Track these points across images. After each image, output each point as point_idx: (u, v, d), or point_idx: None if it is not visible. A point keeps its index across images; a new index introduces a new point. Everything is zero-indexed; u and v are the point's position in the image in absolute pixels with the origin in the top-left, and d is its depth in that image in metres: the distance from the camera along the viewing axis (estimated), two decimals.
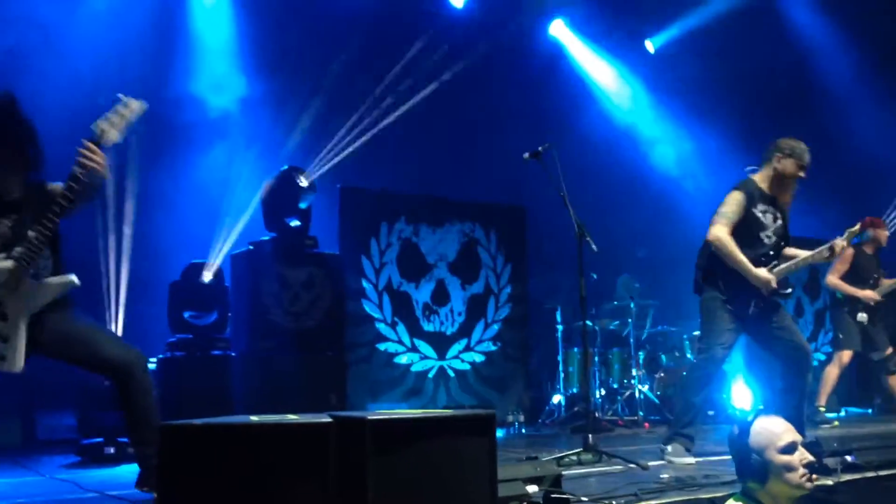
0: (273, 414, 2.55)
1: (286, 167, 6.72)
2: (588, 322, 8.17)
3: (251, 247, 6.47)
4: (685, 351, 8.32)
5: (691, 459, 4.78)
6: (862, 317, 7.38)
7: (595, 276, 8.31)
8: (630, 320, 8.20)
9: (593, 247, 5.08)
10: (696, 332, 6.55)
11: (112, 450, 5.53)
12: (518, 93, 9.72)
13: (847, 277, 7.46)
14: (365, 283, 7.07)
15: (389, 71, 8.50)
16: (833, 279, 7.52)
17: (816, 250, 4.93)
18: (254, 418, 2.38)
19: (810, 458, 2.97)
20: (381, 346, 7.09)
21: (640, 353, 8.21)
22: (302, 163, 7.09)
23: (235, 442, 2.18)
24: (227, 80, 7.88)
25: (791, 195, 5.00)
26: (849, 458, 4.09)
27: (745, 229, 4.82)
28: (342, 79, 8.49)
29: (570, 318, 7.93)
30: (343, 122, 7.95)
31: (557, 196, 5.17)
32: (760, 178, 4.98)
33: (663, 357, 8.25)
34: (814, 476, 3.78)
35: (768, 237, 4.88)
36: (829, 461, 4.01)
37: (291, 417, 2.36)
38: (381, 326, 7.11)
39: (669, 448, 4.84)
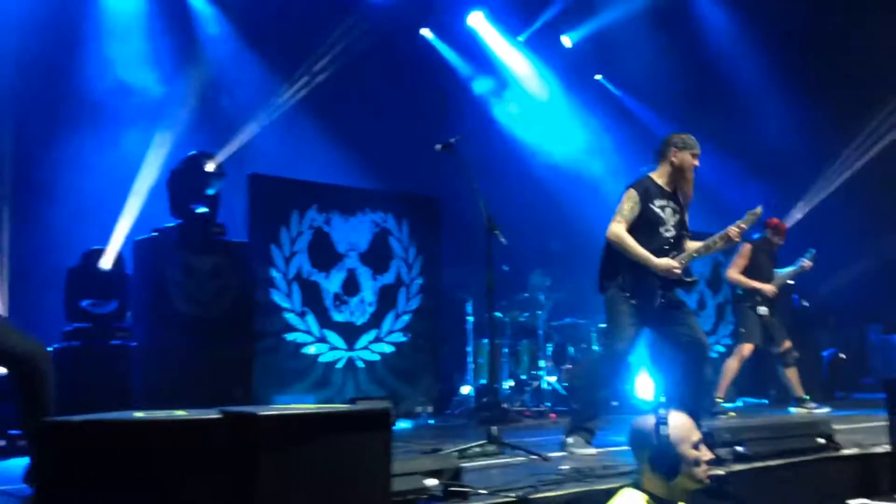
0: (175, 407, 2.47)
1: (194, 152, 6.56)
2: (498, 314, 8.28)
3: (155, 233, 6.29)
4: (592, 343, 8.47)
5: (592, 451, 4.86)
6: (762, 310, 7.62)
7: (506, 268, 8.39)
8: (540, 312, 8.30)
9: (502, 240, 5.10)
10: (603, 325, 6.66)
11: (3, 442, 5.31)
12: (434, 82, 9.72)
13: (747, 272, 7.70)
14: (274, 273, 6.95)
15: (304, 57, 8.38)
16: (733, 274, 7.75)
17: (717, 235, 5.03)
18: (138, 414, 2.29)
19: (711, 454, 3.06)
20: (290, 337, 6.99)
21: (549, 344, 8.32)
22: (212, 148, 6.93)
23: (116, 439, 2.10)
24: (133, 62, 7.64)
25: (691, 187, 5.11)
26: (740, 448, 4.22)
27: (643, 224, 4.92)
28: (255, 64, 8.35)
29: (481, 309, 7.98)
30: (256, 107, 7.82)
31: (471, 188, 5.18)
32: (657, 175, 5.09)
33: (571, 349, 8.38)
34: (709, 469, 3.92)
35: (668, 230, 4.99)
36: (721, 451, 4.13)
37: (179, 413, 2.29)
38: (290, 316, 7.01)
39: (570, 440, 4.91)
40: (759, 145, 10.84)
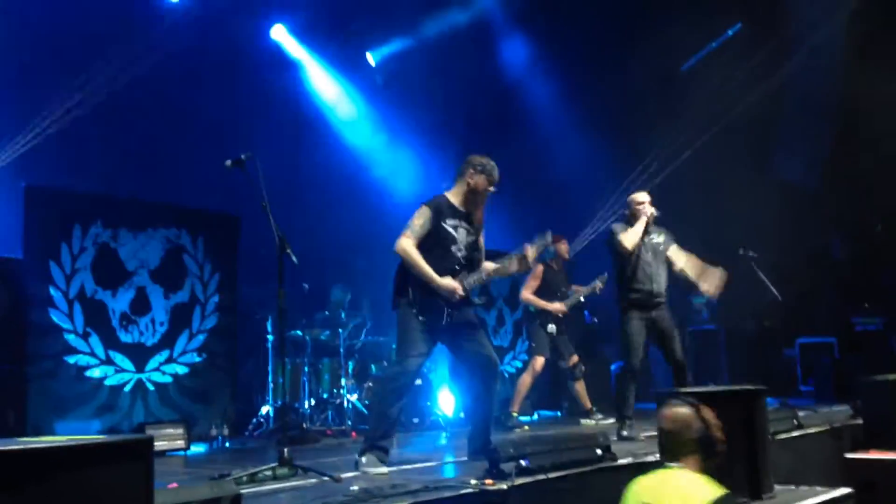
0: None
1: None
2: (299, 332, 8.16)
3: None
4: (393, 361, 8.50)
5: (384, 469, 4.85)
6: (551, 328, 7.99)
7: (307, 286, 8.29)
8: (341, 330, 8.25)
9: (293, 259, 5.01)
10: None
11: None
12: (235, 95, 9.46)
13: (538, 292, 8.05)
14: (53, 291, 6.48)
15: (92, 62, 7.91)
16: (526, 294, 8.09)
17: (508, 258, 5.17)
18: None
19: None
20: (71, 359, 6.53)
21: (350, 362, 8.28)
22: None
23: None
24: None
25: (482, 210, 5.25)
26: (523, 462, 4.35)
27: (435, 242, 4.99)
28: (38, 67, 7.78)
29: (280, 328, 7.80)
30: (34, 114, 7.28)
31: (261, 205, 5.06)
32: (453, 194, 5.19)
33: (373, 367, 8.38)
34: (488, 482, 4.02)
35: (459, 250, 5.09)
36: (505, 466, 4.24)
37: None
38: (71, 337, 6.55)
39: (364, 459, 4.89)
40: (551, 169, 11.41)
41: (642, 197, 6.63)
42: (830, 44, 10.54)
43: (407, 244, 4.91)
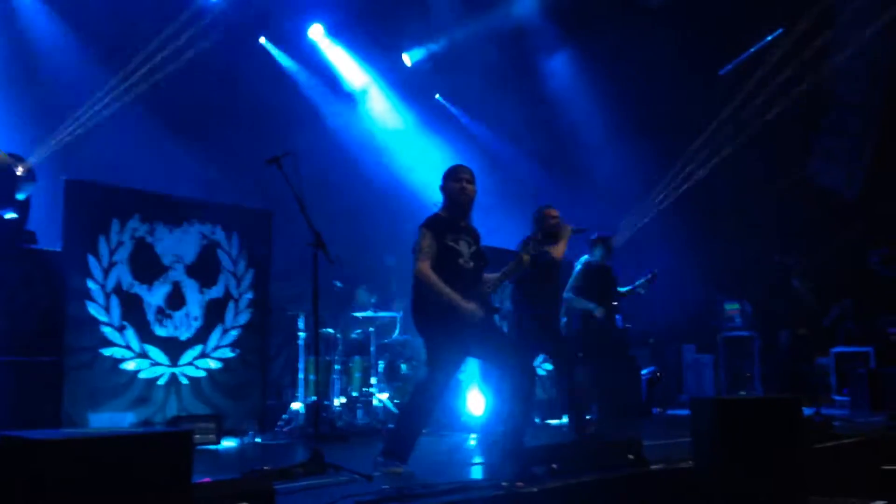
0: None
1: (4, 154, 6.14)
2: (330, 329, 8.19)
3: None
4: (423, 360, 8.51)
5: (400, 470, 4.84)
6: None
7: (339, 284, 8.33)
8: (371, 329, 8.27)
9: (329, 257, 5.04)
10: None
11: None
12: (272, 94, 9.54)
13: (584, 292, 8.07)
14: (91, 284, 6.55)
15: (132, 59, 8.02)
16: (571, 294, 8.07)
17: (510, 265, 5.23)
18: None
19: None
20: (107, 352, 6.60)
21: (381, 361, 8.30)
22: (24, 151, 6.50)
23: None
24: None
25: (468, 215, 5.25)
26: (554, 465, 4.33)
27: (442, 261, 5.00)
28: (82, 64, 7.90)
29: (313, 325, 7.83)
30: (74, 109, 7.40)
31: (299, 203, 5.12)
32: (444, 210, 5.23)
33: (403, 366, 8.39)
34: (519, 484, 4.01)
35: (466, 263, 5.10)
36: (536, 469, 4.23)
37: None
38: (107, 330, 6.62)
39: (383, 459, 4.89)
40: (587, 172, 11.39)
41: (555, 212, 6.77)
42: (873, 48, 10.39)
43: (425, 268, 4.94)
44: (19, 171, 6.02)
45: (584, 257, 8.27)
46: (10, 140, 6.70)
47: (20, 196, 6.06)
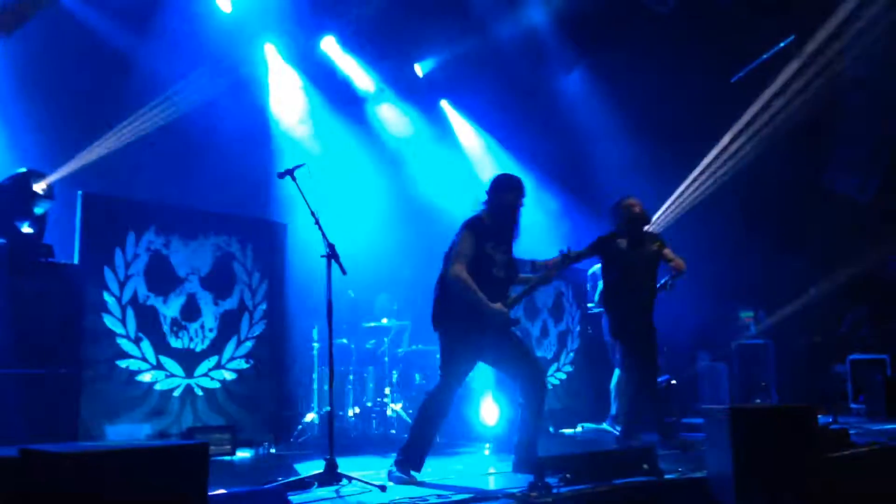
0: None
1: (24, 170, 6.22)
2: (344, 340, 8.23)
3: None
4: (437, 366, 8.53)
5: (413, 480, 4.88)
6: None
7: (353, 294, 8.37)
8: (386, 339, 8.30)
9: (342, 269, 5.08)
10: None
11: None
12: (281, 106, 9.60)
13: None
14: (107, 296, 6.61)
15: (146, 76, 8.09)
16: None
17: (540, 275, 5.25)
18: None
19: None
20: (123, 364, 6.66)
21: (395, 371, 8.33)
22: (44, 166, 6.56)
23: None
24: None
25: (516, 228, 5.26)
26: (568, 475, 4.34)
27: (477, 266, 5.01)
28: (96, 83, 7.97)
29: (327, 336, 7.86)
30: (92, 126, 7.49)
31: (312, 215, 5.16)
32: (487, 215, 5.21)
33: (416, 376, 8.42)
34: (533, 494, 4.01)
35: (499, 271, 5.12)
36: (550, 479, 4.24)
37: None
38: (123, 342, 6.68)
39: (397, 470, 4.92)
40: (600, 178, 11.40)
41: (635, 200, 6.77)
42: (888, 53, 10.34)
43: (461, 272, 4.94)
44: (39, 187, 6.08)
45: (597, 266, 8.26)
46: (36, 157, 6.79)
47: (38, 211, 6.12)
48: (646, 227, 7.01)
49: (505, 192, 5.18)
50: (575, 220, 11.29)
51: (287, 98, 9.87)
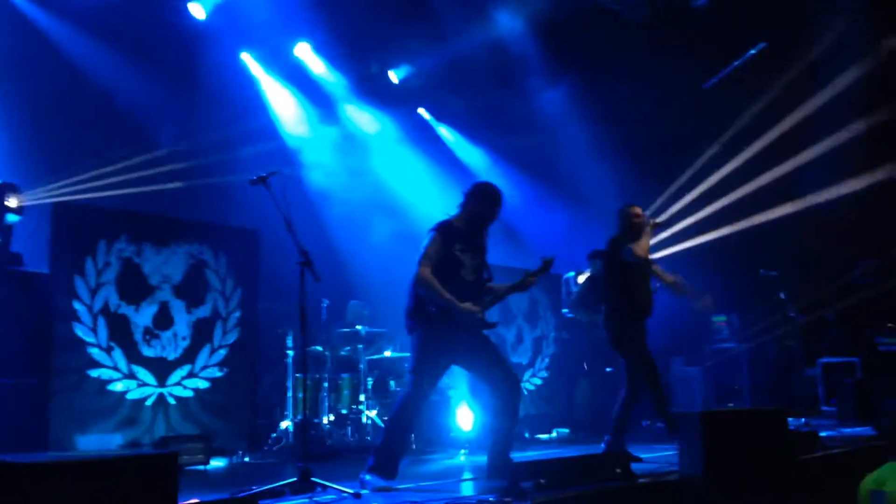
0: None
1: None
2: (319, 347, 8.18)
3: None
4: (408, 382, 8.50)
5: (388, 486, 4.86)
6: None
7: (327, 302, 8.32)
8: (360, 346, 8.27)
9: (315, 276, 5.06)
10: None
11: None
12: (258, 114, 9.57)
13: None
14: (77, 305, 6.55)
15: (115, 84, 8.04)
16: None
17: (517, 280, 5.26)
18: None
19: None
20: (94, 373, 6.59)
21: (370, 378, 8.29)
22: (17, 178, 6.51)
23: None
24: None
25: (485, 234, 5.28)
26: (542, 480, 4.35)
27: (445, 269, 5.02)
28: (68, 86, 7.91)
29: (301, 343, 7.82)
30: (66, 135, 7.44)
31: (285, 222, 5.12)
32: (459, 219, 5.22)
33: (392, 382, 8.39)
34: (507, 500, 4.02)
35: (468, 274, 5.12)
36: (524, 484, 4.24)
37: None
38: (95, 351, 6.61)
39: (370, 476, 4.89)
40: (576, 190, 11.46)
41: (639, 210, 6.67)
42: (858, 63, 10.48)
43: (427, 274, 4.95)
44: (11, 202, 6.02)
45: (570, 273, 8.30)
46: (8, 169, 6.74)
47: (6, 221, 6.07)
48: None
49: (483, 203, 5.19)
50: (555, 220, 11.30)
51: (262, 104, 9.84)
